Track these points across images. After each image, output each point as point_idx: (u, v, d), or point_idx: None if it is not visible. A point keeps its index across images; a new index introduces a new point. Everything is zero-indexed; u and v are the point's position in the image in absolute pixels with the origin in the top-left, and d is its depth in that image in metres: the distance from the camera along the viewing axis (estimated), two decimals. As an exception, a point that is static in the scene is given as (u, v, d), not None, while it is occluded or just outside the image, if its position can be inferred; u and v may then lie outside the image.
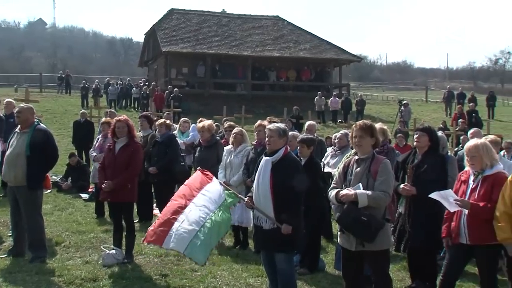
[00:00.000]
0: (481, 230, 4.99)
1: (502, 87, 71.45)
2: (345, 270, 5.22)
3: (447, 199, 5.13)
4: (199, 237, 5.32)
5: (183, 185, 5.97)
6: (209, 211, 5.50)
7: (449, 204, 5.12)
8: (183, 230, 5.38)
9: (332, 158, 8.75)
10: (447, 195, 5.16)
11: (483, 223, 4.96)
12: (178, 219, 5.50)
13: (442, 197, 5.18)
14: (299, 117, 23.76)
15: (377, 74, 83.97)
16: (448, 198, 5.13)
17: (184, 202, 5.64)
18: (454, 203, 5.07)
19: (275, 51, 34.66)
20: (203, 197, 5.66)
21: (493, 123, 28.48)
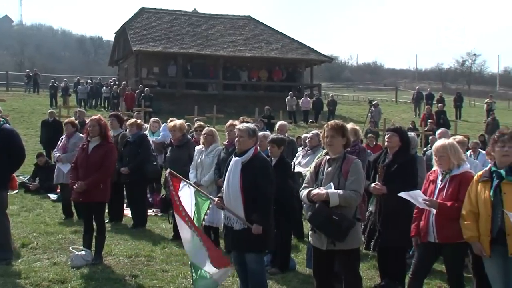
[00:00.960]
0: (448, 228, 5.07)
1: (469, 88, 72.87)
2: (316, 269, 5.25)
3: (416, 199, 5.20)
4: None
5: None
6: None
7: (419, 202, 5.20)
8: None
9: (303, 158, 8.81)
10: (416, 195, 5.23)
11: (451, 222, 5.04)
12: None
13: (411, 197, 5.25)
14: (271, 117, 23.80)
15: (348, 75, 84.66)
16: (417, 198, 5.20)
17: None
18: (423, 202, 5.14)
19: (246, 51, 34.67)
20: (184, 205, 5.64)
21: (460, 123, 29.01)
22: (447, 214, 5.03)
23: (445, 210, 5.04)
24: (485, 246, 4.73)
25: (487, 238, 4.71)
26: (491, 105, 32.78)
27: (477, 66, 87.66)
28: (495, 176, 4.76)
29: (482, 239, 4.74)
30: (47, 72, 47.09)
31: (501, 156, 4.75)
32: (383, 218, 5.99)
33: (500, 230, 4.63)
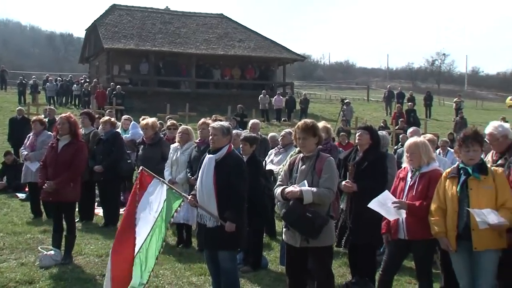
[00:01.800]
0: (418, 225, 5.14)
1: (438, 87, 74.07)
2: (289, 267, 5.27)
3: (386, 204, 5.24)
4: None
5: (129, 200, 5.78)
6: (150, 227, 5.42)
7: (388, 211, 5.23)
8: None
9: (275, 156, 8.84)
10: (385, 199, 5.26)
11: (420, 219, 5.12)
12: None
13: (381, 204, 5.28)
14: (243, 116, 23.80)
15: (321, 73, 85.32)
16: (386, 203, 5.24)
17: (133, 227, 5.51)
18: (392, 207, 5.18)
19: (219, 49, 34.59)
20: (146, 205, 5.55)
21: (430, 122, 29.48)
22: (417, 214, 5.10)
23: (414, 211, 5.11)
24: (451, 241, 4.83)
25: (453, 234, 4.81)
26: (459, 104, 33.41)
27: (446, 66, 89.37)
28: (463, 172, 4.87)
29: (449, 235, 4.84)
30: (15, 69, 46.19)
31: (468, 160, 4.87)
32: (353, 216, 6.05)
33: (466, 226, 4.74)
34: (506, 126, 5.74)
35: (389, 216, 5.25)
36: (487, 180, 4.77)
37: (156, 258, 5.37)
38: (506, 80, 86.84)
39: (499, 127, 5.63)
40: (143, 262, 5.32)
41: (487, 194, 4.74)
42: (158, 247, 5.37)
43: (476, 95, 63.21)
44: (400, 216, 5.14)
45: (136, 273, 5.27)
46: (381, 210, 5.28)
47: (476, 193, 4.75)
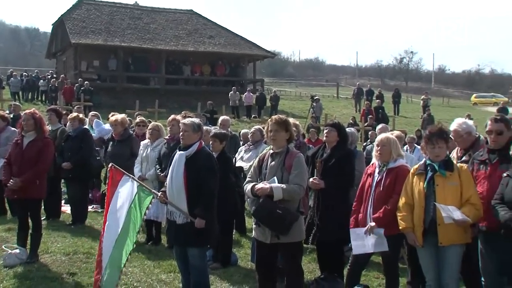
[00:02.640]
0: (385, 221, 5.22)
1: (406, 85, 75.21)
2: (259, 263, 5.29)
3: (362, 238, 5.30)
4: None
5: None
6: (120, 224, 5.37)
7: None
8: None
9: (245, 152, 8.84)
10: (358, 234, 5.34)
11: (382, 209, 5.20)
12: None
13: (357, 240, 5.34)
14: (213, 112, 23.75)
15: (291, 70, 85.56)
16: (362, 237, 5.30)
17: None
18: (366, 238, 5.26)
19: (189, 46, 34.41)
20: (116, 202, 5.52)
21: (398, 119, 29.88)
22: (387, 219, 5.15)
23: (383, 222, 5.18)
24: (418, 237, 4.92)
25: (420, 229, 4.90)
26: (426, 101, 33.97)
27: (414, 64, 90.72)
28: (430, 169, 4.96)
29: (415, 230, 4.94)
30: (-22, 64, 45.08)
31: (434, 156, 4.96)
32: (321, 212, 6.09)
33: (432, 221, 4.83)
34: (470, 123, 5.87)
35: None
36: (453, 177, 4.87)
37: (128, 255, 5.33)
38: (471, 78, 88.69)
39: (463, 124, 5.75)
40: (115, 261, 5.27)
41: (453, 190, 4.83)
42: (131, 245, 5.32)
43: (442, 92, 64.29)
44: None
45: (112, 271, 5.23)
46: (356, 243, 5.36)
47: (442, 189, 4.85)
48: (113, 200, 5.49)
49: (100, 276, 5.34)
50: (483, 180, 5.05)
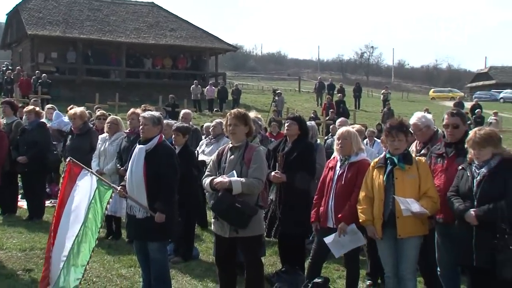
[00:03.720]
0: (346, 214, 5.28)
1: (367, 79, 76.32)
2: (219, 257, 5.28)
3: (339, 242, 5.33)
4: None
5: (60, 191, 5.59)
6: (81, 219, 5.27)
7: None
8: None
9: (207, 146, 8.80)
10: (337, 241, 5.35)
11: (347, 206, 5.25)
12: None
13: (335, 245, 5.36)
14: (175, 106, 23.59)
15: (253, 64, 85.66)
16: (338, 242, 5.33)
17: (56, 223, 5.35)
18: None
19: (150, 38, 33.99)
20: (75, 197, 5.41)
21: (359, 113, 30.24)
22: (351, 215, 5.19)
23: (348, 218, 5.21)
24: (377, 229, 4.98)
25: (379, 221, 4.97)
26: (386, 95, 34.53)
27: (375, 58, 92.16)
28: (389, 162, 5.02)
29: (375, 223, 5.00)
30: None
31: (393, 149, 5.03)
32: (283, 206, 6.11)
33: (391, 213, 4.90)
34: (429, 117, 5.97)
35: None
36: (412, 170, 4.95)
37: (92, 251, 5.24)
38: (429, 73, 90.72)
39: (422, 118, 5.85)
40: (75, 257, 5.17)
41: (411, 183, 4.91)
42: (94, 240, 5.23)
43: (402, 87, 65.55)
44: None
45: (74, 268, 5.12)
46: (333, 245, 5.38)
47: (401, 182, 4.92)
48: (71, 195, 5.37)
49: (49, 272, 5.22)
50: (440, 173, 5.15)
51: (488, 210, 4.48)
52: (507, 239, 4.40)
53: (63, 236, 5.27)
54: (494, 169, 4.59)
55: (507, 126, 25.97)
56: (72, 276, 5.12)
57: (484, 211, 4.50)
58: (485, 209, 4.50)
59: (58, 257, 5.20)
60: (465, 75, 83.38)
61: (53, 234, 5.32)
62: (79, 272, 5.15)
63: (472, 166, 4.73)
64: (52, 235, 5.35)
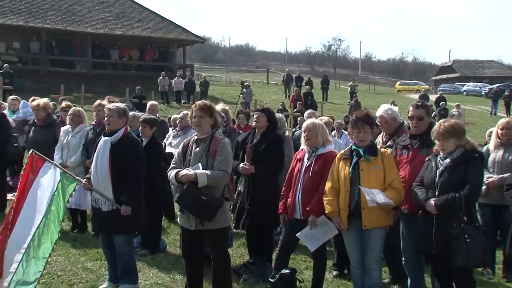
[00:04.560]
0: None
1: (335, 71, 76.89)
2: (185, 249, 5.25)
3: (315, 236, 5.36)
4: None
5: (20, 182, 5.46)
6: (42, 212, 5.16)
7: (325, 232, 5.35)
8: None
9: (174, 138, 8.74)
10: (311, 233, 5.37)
11: (315, 199, 5.28)
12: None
13: (309, 239, 5.40)
14: (142, 97, 23.33)
15: (221, 56, 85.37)
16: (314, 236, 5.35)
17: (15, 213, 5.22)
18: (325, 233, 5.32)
19: (117, 29, 33.45)
20: (37, 189, 5.29)
21: (327, 105, 30.48)
22: (319, 207, 5.23)
23: (316, 209, 5.25)
24: (343, 220, 5.03)
25: (345, 213, 5.01)
26: (354, 88, 34.85)
27: (342, 51, 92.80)
28: (355, 154, 5.06)
29: (341, 214, 5.04)
30: None
31: (359, 141, 5.08)
32: (251, 197, 6.12)
33: (357, 205, 4.95)
34: (395, 109, 6.06)
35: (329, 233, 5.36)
36: (377, 161, 5.00)
37: (54, 244, 5.14)
38: (395, 66, 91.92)
39: (388, 110, 5.93)
40: (36, 249, 5.07)
41: (377, 175, 4.96)
42: (56, 233, 5.14)
43: (369, 79, 66.25)
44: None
45: (34, 262, 5.02)
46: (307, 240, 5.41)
47: (367, 174, 4.97)
48: (32, 188, 5.26)
49: (2, 264, 5.09)
50: (405, 164, 5.24)
51: (447, 199, 4.59)
52: (464, 228, 4.51)
53: (23, 228, 5.14)
54: (456, 160, 4.70)
55: (470, 118, 26.57)
56: (33, 268, 5.01)
57: (443, 200, 4.61)
58: (444, 198, 4.61)
59: (16, 249, 5.07)
60: (430, 68, 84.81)
61: (10, 227, 5.18)
62: (41, 265, 5.04)
63: (437, 157, 4.83)
64: (9, 227, 5.21)
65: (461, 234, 4.51)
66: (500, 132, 6.39)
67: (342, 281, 6.10)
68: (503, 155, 6.30)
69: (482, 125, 23.78)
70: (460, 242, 4.49)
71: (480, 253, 4.53)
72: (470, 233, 4.51)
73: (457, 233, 4.52)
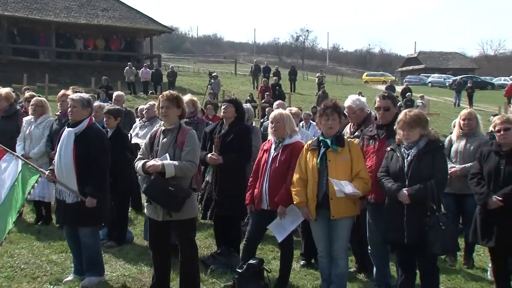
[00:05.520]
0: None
1: (303, 62, 77.22)
2: (152, 240, 5.21)
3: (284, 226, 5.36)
4: None
5: None
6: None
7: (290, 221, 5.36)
8: None
9: (140, 129, 8.66)
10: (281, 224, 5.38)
11: (283, 189, 5.29)
12: None
13: (278, 229, 5.40)
14: (109, 88, 22.99)
15: (189, 46, 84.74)
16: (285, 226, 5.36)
17: None
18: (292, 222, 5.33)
19: (81, 18, 32.82)
20: None
21: (294, 96, 30.59)
22: (286, 197, 5.24)
23: (284, 200, 5.27)
24: (311, 210, 5.05)
25: (313, 203, 5.03)
26: (321, 79, 35.07)
27: (310, 42, 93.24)
28: (322, 145, 5.08)
29: (309, 204, 5.06)
30: None
31: (327, 129, 5.09)
32: (219, 188, 6.10)
33: (325, 195, 4.98)
34: (362, 100, 6.11)
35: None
36: (344, 152, 5.03)
37: (7, 233, 5.03)
38: (362, 57, 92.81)
39: (356, 100, 5.98)
40: None
41: (344, 165, 4.99)
42: (11, 222, 5.04)
43: (336, 70, 66.73)
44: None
45: None
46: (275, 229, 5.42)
47: (334, 164, 4.99)
48: None
49: None
50: (372, 154, 5.29)
51: (419, 189, 4.66)
52: (438, 217, 4.60)
53: None
54: (422, 149, 4.77)
55: (434, 109, 27.05)
56: None
57: (415, 190, 4.67)
58: (417, 188, 4.67)
59: None
60: (396, 59, 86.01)
61: None
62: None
63: (401, 147, 4.88)
64: None
65: (437, 222, 4.59)
66: (462, 123, 6.51)
67: (309, 271, 6.15)
68: (465, 146, 6.42)
69: (446, 116, 24.22)
70: (436, 230, 4.57)
71: (453, 240, 4.66)
72: (444, 221, 4.61)
73: (433, 221, 4.60)
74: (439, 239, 4.57)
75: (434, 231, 4.58)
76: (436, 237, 4.58)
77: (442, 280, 5.70)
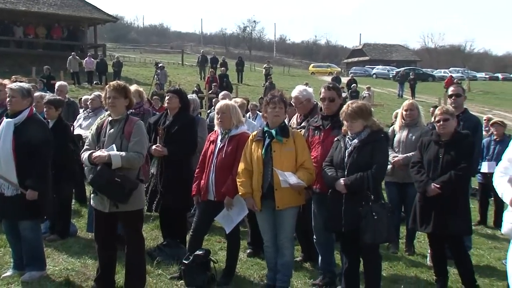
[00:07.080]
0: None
1: (250, 53, 77.28)
2: (98, 232, 5.11)
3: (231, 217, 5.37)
4: None
5: None
6: None
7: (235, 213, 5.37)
8: None
9: (85, 120, 8.47)
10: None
11: (229, 180, 5.30)
12: None
13: (225, 221, 5.41)
14: (51, 78, 22.31)
15: (134, 36, 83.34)
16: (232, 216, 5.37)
17: None
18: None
19: (20, 4, 31.67)
20: None
21: (242, 87, 30.63)
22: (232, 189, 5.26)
23: (230, 191, 5.29)
24: (257, 201, 5.08)
25: (258, 194, 5.07)
26: (268, 70, 35.23)
27: (257, 33, 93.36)
28: (267, 135, 5.11)
29: (254, 195, 5.09)
30: None
31: (273, 116, 5.12)
32: (164, 179, 6.06)
33: (269, 186, 5.02)
34: (309, 90, 6.18)
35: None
36: (289, 143, 5.07)
37: None
38: (309, 48, 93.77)
39: (303, 91, 6.05)
40: None
41: (289, 156, 5.04)
42: None
43: (283, 61, 67.21)
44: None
45: None
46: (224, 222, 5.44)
47: (279, 155, 5.03)
48: None
49: None
50: (318, 145, 5.36)
51: (356, 179, 4.75)
52: (371, 206, 4.70)
53: None
54: (364, 140, 4.86)
55: (379, 100, 27.67)
56: None
57: (352, 180, 4.76)
58: (353, 178, 4.76)
59: None
60: (342, 51, 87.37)
61: None
62: None
63: (346, 138, 4.97)
64: None
65: (369, 212, 4.68)
66: (404, 113, 6.70)
67: (255, 260, 6.20)
68: (407, 135, 6.61)
69: (390, 106, 24.81)
70: (368, 220, 4.66)
71: (386, 230, 4.74)
72: (377, 210, 4.69)
73: (366, 211, 4.69)
74: (370, 229, 4.65)
75: (366, 220, 4.66)
76: (367, 227, 4.66)
77: (385, 267, 5.87)
